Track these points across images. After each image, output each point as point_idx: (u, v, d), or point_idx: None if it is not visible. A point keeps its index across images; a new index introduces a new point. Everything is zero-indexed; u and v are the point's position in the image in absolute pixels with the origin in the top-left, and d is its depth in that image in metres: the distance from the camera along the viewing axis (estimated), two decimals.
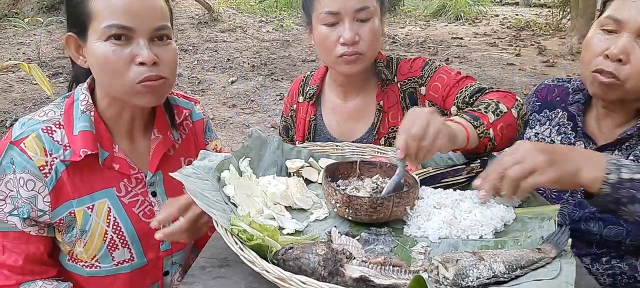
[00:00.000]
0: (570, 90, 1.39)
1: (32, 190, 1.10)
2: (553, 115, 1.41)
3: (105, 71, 1.10)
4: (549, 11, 10.50)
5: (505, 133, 1.17)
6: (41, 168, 1.10)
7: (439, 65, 1.43)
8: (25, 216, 1.10)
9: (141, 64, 1.08)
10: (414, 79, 1.43)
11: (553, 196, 1.34)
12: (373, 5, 1.35)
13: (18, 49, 6.79)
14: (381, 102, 1.46)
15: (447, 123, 1.06)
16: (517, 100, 1.22)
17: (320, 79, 1.57)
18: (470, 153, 1.19)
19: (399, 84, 1.45)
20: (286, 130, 1.67)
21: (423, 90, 1.41)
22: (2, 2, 8.61)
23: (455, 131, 1.06)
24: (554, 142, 1.38)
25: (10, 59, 6.04)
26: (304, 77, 1.64)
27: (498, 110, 1.17)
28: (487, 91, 1.29)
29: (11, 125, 4.27)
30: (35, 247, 1.14)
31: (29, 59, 6.04)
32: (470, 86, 1.32)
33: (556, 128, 1.39)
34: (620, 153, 1.24)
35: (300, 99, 1.61)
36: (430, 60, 1.45)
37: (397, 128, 1.35)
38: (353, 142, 1.47)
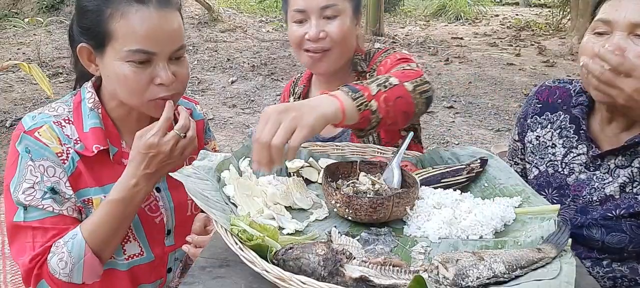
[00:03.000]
0: (572, 92, 1.36)
1: (53, 176, 1.12)
2: (554, 118, 1.38)
3: (124, 88, 1.13)
4: (549, 11, 10.47)
5: (391, 105, 1.09)
6: (59, 155, 1.13)
7: (394, 50, 1.44)
8: (54, 193, 1.11)
9: (160, 84, 1.12)
10: (374, 67, 1.46)
11: (554, 201, 1.33)
12: (340, 3, 1.37)
13: (18, 49, 6.79)
14: None
15: (315, 102, 1.02)
16: (420, 77, 1.18)
17: (307, 78, 1.61)
18: (355, 128, 1.12)
19: (367, 74, 1.47)
20: None
21: None
22: (2, 2, 8.61)
23: (325, 110, 1.01)
24: (555, 145, 1.35)
25: (10, 59, 6.03)
26: (296, 78, 1.68)
27: (386, 83, 1.11)
28: (402, 70, 1.24)
29: (12, 125, 4.26)
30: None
31: (29, 59, 6.03)
32: (400, 67, 1.29)
33: (558, 131, 1.36)
34: (624, 159, 1.23)
35: (291, 99, 1.64)
36: (391, 48, 1.46)
37: None
38: (335, 136, 1.50)
